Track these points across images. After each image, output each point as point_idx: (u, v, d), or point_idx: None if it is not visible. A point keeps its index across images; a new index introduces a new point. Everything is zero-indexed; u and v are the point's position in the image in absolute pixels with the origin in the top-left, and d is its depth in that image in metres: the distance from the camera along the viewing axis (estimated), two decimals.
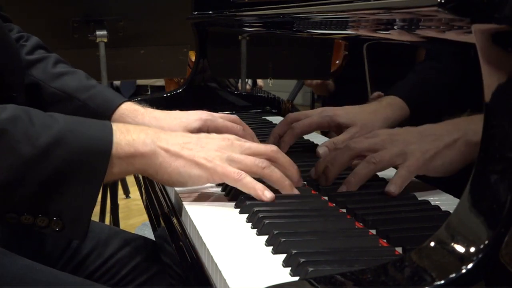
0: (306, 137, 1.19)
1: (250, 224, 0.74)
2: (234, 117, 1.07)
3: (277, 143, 1.05)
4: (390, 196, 0.78)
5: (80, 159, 0.71)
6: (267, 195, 0.78)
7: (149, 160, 0.77)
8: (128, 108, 1.05)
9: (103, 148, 0.72)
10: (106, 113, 1.04)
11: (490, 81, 0.51)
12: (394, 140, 0.80)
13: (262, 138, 1.22)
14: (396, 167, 0.80)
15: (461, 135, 0.68)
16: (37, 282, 0.89)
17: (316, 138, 1.18)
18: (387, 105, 0.87)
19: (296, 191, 0.83)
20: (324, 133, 1.18)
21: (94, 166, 0.72)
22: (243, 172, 0.79)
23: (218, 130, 1.00)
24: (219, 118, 1.04)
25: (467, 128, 0.68)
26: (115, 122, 0.89)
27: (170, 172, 0.78)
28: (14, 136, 0.69)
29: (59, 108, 1.03)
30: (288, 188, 0.82)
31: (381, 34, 0.90)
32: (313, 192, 0.86)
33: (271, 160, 0.83)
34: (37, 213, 0.73)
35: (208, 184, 0.93)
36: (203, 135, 0.86)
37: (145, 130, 0.79)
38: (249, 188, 0.79)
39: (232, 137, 0.86)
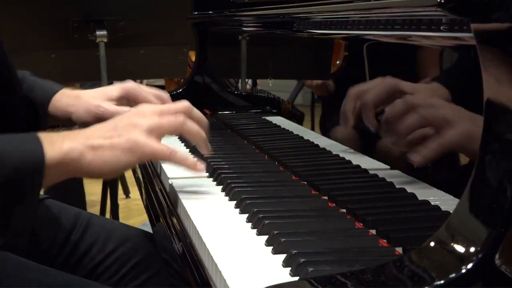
0: (306, 137, 1.19)
1: (250, 224, 0.74)
2: (161, 93, 1.08)
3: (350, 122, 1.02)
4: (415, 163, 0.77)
5: (16, 177, 0.71)
6: (199, 166, 0.84)
7: (79, 162, 0.77)
8: (60, 96, 1.08)
9: (36, 162, 0.73)
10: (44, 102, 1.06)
11: (490, 81, 0.51)
12: (447, 106, 0.77)
13: (262, 138, 1.23)
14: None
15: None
16: (32, 282, 0.89)
17: (316, 138, 1.18)
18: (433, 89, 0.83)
19: (209, 148, 0.90)
20: (324, 133, 1.18)
21: (30, 182, 0.73)
22: (172, 148, 0.82)
23: (139, 101, 1.02)
24: (144, 91, 1.05)
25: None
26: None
27: (101, 166, 0.79)
28: None
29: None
30: (204, 141, 0.88)
31: (381, 34, 0.90)
32: (313, 192, 0.87)
33: (186, 114, 0.86)
34: None
35: (208, 184, 0.93)
36: (118, 117, 0.86)
37: (68, 136, 0.79)
38: (181, 162, 0.83)
39: (144, 107, 0.88)
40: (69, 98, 1.06)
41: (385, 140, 0.90)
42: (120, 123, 0.83)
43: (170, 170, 1.00)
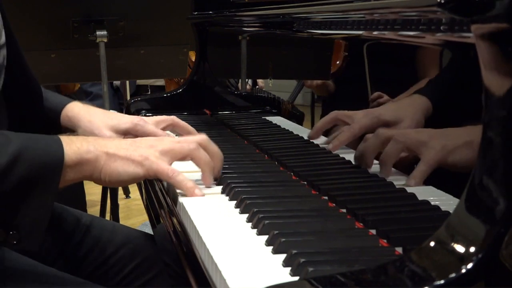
0: (306, 137, 1.19)
1: (250, 224, 0.74)
2: (170, 119, 1.15)
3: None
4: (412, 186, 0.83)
5: (36, 174, 0.76)
6: (197, 192, 0.86)
7: (94, 165, 0.83)
8: (73, 106, 1.13)
9: (56, 161, 0.78)
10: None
11: (490, 81, 0.51)
12: (421, 132, 0.86)
13: (262, 137, 1.23)
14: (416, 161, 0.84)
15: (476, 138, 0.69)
16: (37, 281, 0.89)
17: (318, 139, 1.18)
18: (415, 101, 0.90)
19: (212, 180, 0.91)
20: (324, 133, 1.18)
21: (49, 180, 0.77)
22: (176, 170, 0.86)
23: (147, 135, 1.07)
24: (150, 124, 1.10)
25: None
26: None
27: (110, 172, 0.84)
28: None
29: None
30: (210, 172, 0.90)
31: (381, 34, 0.90)
32: (313, 192, 0.87)
33: (202, 145, 0.90)
34: None
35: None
36: (138, 138, 0.94)
37: (86, 139, 0.85)
38: (180, 185, 0.87)
39: (164, 136, 0.96)
40: (80, 112, 1.11)
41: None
42: (138, 142, 0.90)
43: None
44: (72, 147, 0.81)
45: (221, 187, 0.91)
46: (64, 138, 0.81)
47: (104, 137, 0.92)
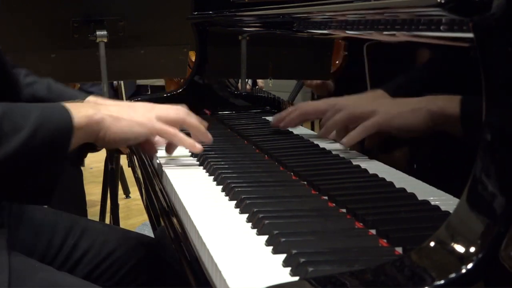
0: (306, 137, 1.19)
1: (250, 224, 0.74)
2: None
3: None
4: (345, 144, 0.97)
5: (53, 139, 0.87)
6: (197, 146, 1.02)
7: (100, 125, 0.93)
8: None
9: (68, 126, 0.89)
10: None
11: (490, 81, 0.51)
12: (374, 102, 0.95)
13: (262, 137, 1.23)
14: None
15: (426, 105, 0.80)
16: (35, 279, 0.89)
17: (316, 138, 1.17)
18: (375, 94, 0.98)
19: (210, 136, 1.06)
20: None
21: (63, 142, 0.88)
22: (177, 129, 1.00)
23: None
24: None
25: (434, 101, 0.80)
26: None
27: (116, 131, 0.95)
28: (3, 129, 0.83)
29: None
30: (205, 131, 1.05)
31: (381, 34, 0.90)
32: (313, 192, 0.87)
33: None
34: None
35: (208, 184, 0.93)
36: (134, 102, 1.09)
37: (90, 104, 1.00)
38: (183, 142, 1.01)
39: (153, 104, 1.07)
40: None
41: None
42: (137, 105, 1.03)
43: (172, 174, 1.00)
44: (81, 111, 0.91)
45: (221, 187, 0.91)
46: (72, 105, 0.92)
47: (105, 102, 1.02)
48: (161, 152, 1.12)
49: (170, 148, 1.09)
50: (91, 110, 0.93)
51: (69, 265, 1.09)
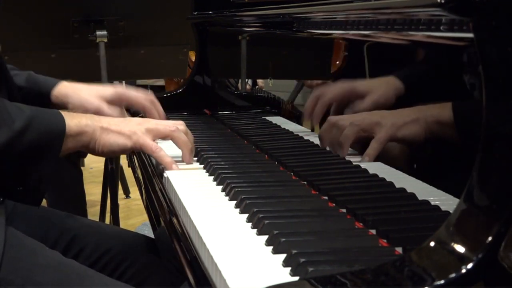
0: (306, 137, 1.19)
1: (250, 224, 0.74)
2: (148, 93, 1.28)
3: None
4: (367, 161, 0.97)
5: (43, 139, 0.90)
6: (174, 167, 1.01)
7: (91, 136, 0.98)
8: (61, 86, 1.26)
9: (60, 130, 0.92)
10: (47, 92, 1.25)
11: (490, 81, 0.51)
12: (374, 114, 0.99)
13: (262, 137, 1.23)
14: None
15: (422, 116, 0.84)
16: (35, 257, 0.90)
17: (316, 138, 1.17)
18: (389, 81, 0.99)
19: (192, 159, 1.06)
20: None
21: (53, 145, 0.91)
22: (158, 146, 1.02)
23: (130, 100, 1.25)
24: (133, 94, 1.26)
25: (427, 111, 0.84)
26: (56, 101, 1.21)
27: (103, 143, 0.99)
28: None
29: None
30: (189, 151, 1.04)
31: (381, 34, 0.90)
32: (313, 192, 0.87)
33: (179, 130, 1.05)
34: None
35: (209, 184, 0.93)
36: (128, 118, 1.12)
37: (85, 116, 1.01)
38: (161, 159, 1.02)
39: (150, 119, 1.13)
40: (68, 89, 1.24)
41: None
42: (128, 120, 1.06)
43: (173, 175, 1.00)
44: (74, 120, 0.95)
45: (221, 187, 0.91)
46: (66, 114, 0.96)
47: (97, 115, 1.06)
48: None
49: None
50: (84, 120, 0.98)
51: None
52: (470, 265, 0.47)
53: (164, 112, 1.27)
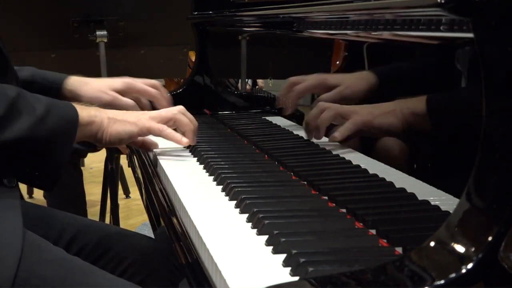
0: (306, 137, 1.19)
1: (250, 224, 0.74)
2: (154, 81, 1.36)
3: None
4: (334, 140, 1.06)
5: (62, 126, 0.95)
6: (184, 140, 1.09)
7: (99, 126, 1.03)
8: (71, 80, 1.31)
9: (74, 117, 0.97)
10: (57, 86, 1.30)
11: (490, 80, 0.51)
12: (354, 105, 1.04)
13: (262, 138, 1.23)
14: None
15: (399, 107, 0.88)
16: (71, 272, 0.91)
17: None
18: (364, 75, 1.05)
19: (195, 140, 1.13)
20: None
21: (70, 131, 0.96)
22: (165, 126, 1.08)
23: (139, 92, 1.32)
24: (139, 83, 1.33)
25: (404, 104, 0.88)
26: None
27: (111, 132, 1.04)
28: (19, 107, 0.90)
29: None
30: (193, 131, 1.11)
31: (381, 35, 0.90)
32: (313, 192, 0.87)
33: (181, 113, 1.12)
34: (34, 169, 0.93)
35: (209, 184, 0.93)
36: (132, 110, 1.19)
37: (94, 107, 1.06)
38: (170, 136, 1.09)
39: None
40: (79, 82, 1.29)
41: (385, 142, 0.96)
42: (131, 111, 1.12)
43: (171, 172, 1.00)
44: (84, 111, 1.01)
45: (221, 187, 0.91)
46: (76, 105, 1.00)
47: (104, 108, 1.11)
48: (161, 152, 1.12)
49: None
50: (93, 111, 1.03)
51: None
52: (470, 265, 0.47)
53: (171, 98, 1.34)
